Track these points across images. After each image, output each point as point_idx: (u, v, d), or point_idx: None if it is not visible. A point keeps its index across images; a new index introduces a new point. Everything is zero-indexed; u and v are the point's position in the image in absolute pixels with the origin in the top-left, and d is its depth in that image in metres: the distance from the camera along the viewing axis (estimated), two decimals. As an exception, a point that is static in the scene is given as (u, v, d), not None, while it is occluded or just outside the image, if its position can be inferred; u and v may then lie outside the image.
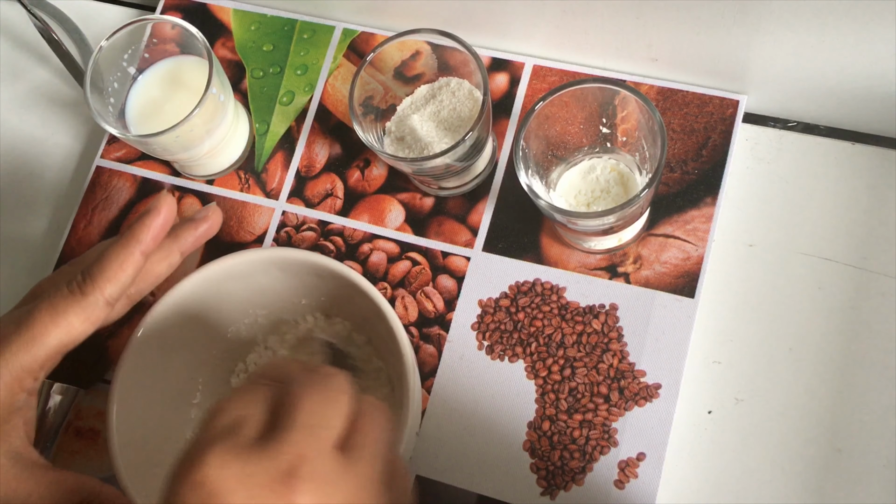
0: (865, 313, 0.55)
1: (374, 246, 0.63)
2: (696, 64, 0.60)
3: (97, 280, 0.46)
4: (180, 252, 0.51)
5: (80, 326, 0.45)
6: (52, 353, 0.45)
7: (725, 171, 0.59)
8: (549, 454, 0.56)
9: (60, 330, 0.45)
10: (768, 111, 0.61)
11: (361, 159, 0.65)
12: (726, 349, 0.57)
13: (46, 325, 0.45)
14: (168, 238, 0.52)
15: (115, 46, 0.62)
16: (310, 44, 0.69)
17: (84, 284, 0.46)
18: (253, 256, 0.53)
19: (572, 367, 0.57)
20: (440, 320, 0.60)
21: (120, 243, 0.47)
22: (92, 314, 0.46)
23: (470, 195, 0.63)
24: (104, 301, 0.46)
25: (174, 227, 0.52)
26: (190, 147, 0.61)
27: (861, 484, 0.53)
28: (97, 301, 0.45)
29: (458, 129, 0.59)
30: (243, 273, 0.53)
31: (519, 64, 0.65)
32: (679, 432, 0.55)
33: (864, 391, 0.54)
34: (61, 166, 0.72)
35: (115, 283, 0.46)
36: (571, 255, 0.60)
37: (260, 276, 0.54)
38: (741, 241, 0.59)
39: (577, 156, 0.57)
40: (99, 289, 0.46)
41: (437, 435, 0.58)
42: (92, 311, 0.46)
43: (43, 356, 0.45)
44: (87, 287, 0.45)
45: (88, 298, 0.45)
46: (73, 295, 0.45)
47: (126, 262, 0.46)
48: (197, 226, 0.52)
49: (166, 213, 0.48)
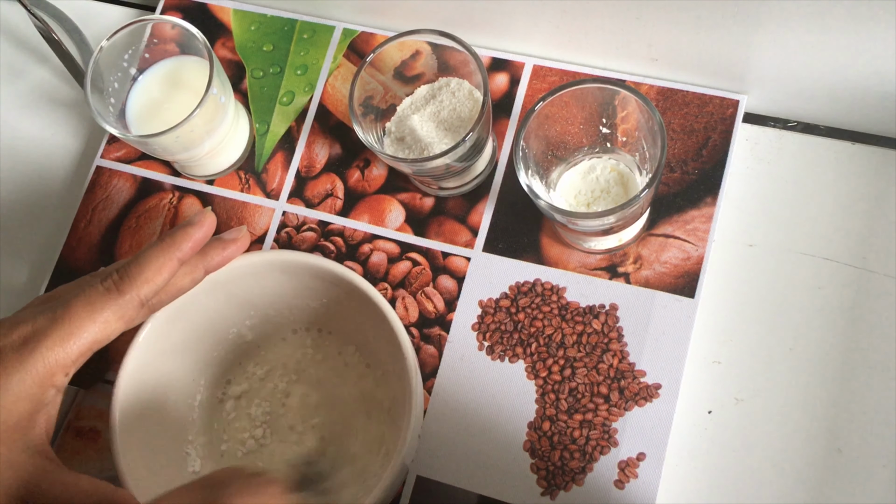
0: (865, 313, 0.55)
1: (375, 246, 0.63)
2: (696, 64, 0.60)
3: (135, 279, 0.46)
4: (205, 270, 0.51)
5: (115, 324, 0.46)
6: (85, 349, 0.45)
7: (725, 171, 0.59)
8: (550, 454, 0.56)
9: (96, 326, 0.45)
10: (768, 111, 0.61)
11: (361, 159, 0.65)
12: (726, 349, 0.57)
13: (83, 321, 0.45)
14: (196, 254, 0.52)
15: (115, 46, 0.62)
16: (310, 44, 0.69)
17: (121, 283, 0.46)
18: (255, 259, 0.53)
19: (572, 368, 0.57)
20: (441, 321, 0.60)
21: (160, 247, 0.47)
22: (126, 313, 0.46)
23: (470, 195, 0.63)
24: (139, 301, 0.46)
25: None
26: (190, 147, 0.61)
27: (861, 484, 0.53)
28: (133, 300, 0.45)
29: (458, 130, 0.59)
30: (245, 275, 0.53)
31: (519, 64, 0.65)
32: (679, 432, 0.56)
33: (864, 391, 0.54)
34: (61, 166, 0.72)
35: (151, 285, 0.46)
36: (571, 255, 0.60)
37: (262, 278, 0.54)
38: (741, 241, 0.59)
39: (577, 156, 0.57)
40: (136, 288, 0.46)
41: (437, 435, 0.58)
42: (127, 310, 0.46)
43: (77, 352, 0.45)
44: (125, 286, 0.45)
45: (125, 297, 0.45)
46: (110, 292, 0.45)
47: (164, 265, 0.46)
48: (225, 246, 0.52)
49: (207, 229, 0.48)
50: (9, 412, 0.43)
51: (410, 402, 0.49)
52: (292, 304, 0.56)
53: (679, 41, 0.59)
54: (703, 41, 0.58)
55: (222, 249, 0.52)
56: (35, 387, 0.44)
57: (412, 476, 0.57)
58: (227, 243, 0.52)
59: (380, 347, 0.55)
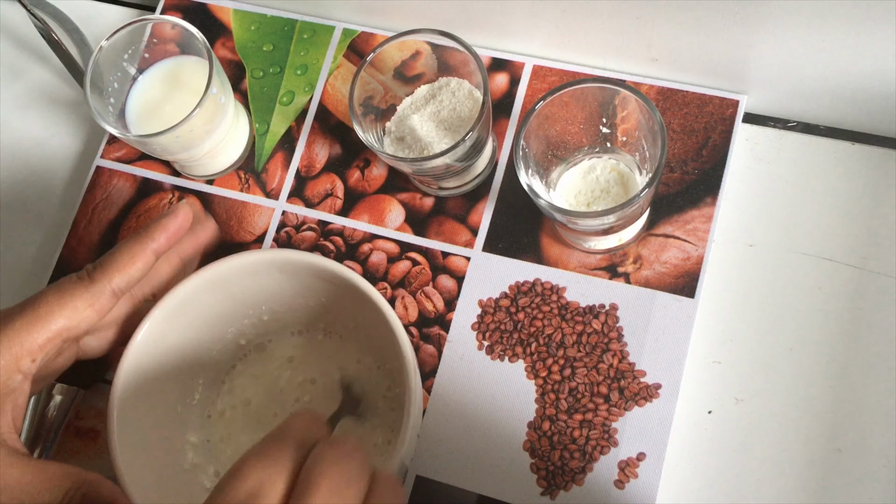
0: (865, 313, 0.55)
1: (374, 246, 0.63)
2: (696, 64, 0.60)
3: (107, 269, 0.46)
4: (179, 257, 0.52)
5: (85, 311, 0.46)
6: (53, 335, 0.45)
7: (725, 171, 0.59)
8: (549, 454, 0.56)
9: (65, 311, 0.45)
10: (768, 111, 0.61)
11: (361, 159, 0.65)
12: (726, 349, 0.57)
13: (51, 307, 0.45)
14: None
15: (115, 46, 0.62)
16: (310, 44, 0.69)
17: (93, 272, 0.47)
18: (254, 258, 0.53)
19: (572, 367, 0.57)
20: (440, 320, 0.60)
21: (134, 238, 0.48)
22: (97, 301, 0.46)
23: (470, 195, 0.63)
24: (111, 290, 0.46)
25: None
26: (190, 147, 0.61)
27: (861, 484, 0.53)
28: (104, 289, 0.46)
29: (458, 129, 0.59)
30: (244, 274, 0.53)
31: (519, 64, 0.65)
32: (679, 432, 0.55)
33: (864, 391, 0.54)
34: (61, 166, 0.72)
35: (123, 275, 0.47)
36: (571, 255, 0.60)
37: (261, 277, 0.54)
38: (741, 241, 0.59)
39: (577, 156, 0.57)
40: (107, 277, 0.46)
41: (437, 435, 0.58)
42: (98, 298, 0.46)
43: (44, 338, 0.45)
44: (96, 274, 0.46)
45: (96, 286, 0.46)
46: (81, 280, 0.46)
47: (137, 255, 0.47)
48: (196, 232, 0.54)
49: (183, 220, 0.49)
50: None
51: (409, 402, 0.49)
52: (291, 303, 0.56)
53: (679, 41, 0.59)
54: (703, 41, 0.58)
55: (193, 236, 0.53)
56: (2, 370, 0.44)
57: (412, 476, 0.57)
58: (198, 231, 0.53)
59: (379, 347, 0.55)
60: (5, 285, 0.69)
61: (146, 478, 0.50)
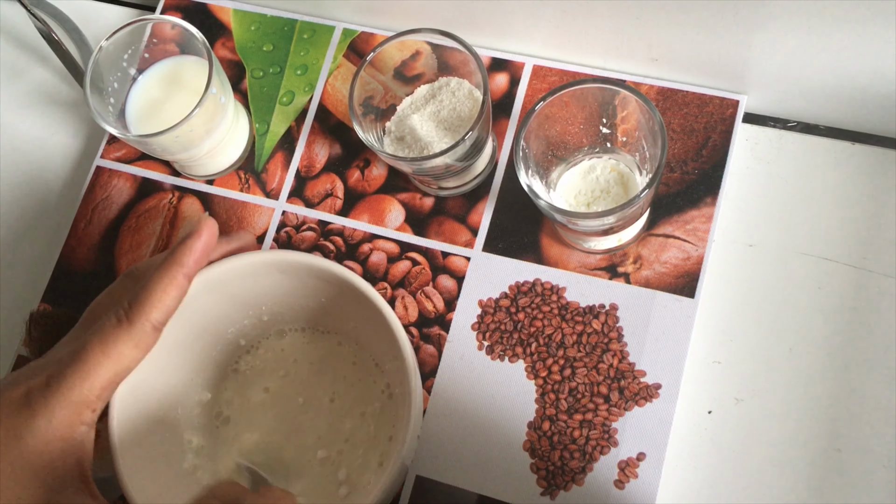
0: (865, 313, 0.55)
1: (374, 246, 0.63)
2: (696, 64, 0.60)
3: (143, 307, 0.46)
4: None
5: (131, 354, 0.46)
6: (106, 384, 0.46)
7: (725, 171, 0.59)
8: (549, 454, 0.56)
9: (112, 361, 0.46)
10: (768, 111, 0.61)
11: (361, 159, 0.65)
12: (726, 349, 0.57)
13: (98, 358, 0.45)
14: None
15: (115, 46, 0.62)
16: (310, 44, 0.69)
17: (130, 312, 0.46)
18: (254, 259, 0.53)
19: (572, 367, 0.57)
20: (440, 320, 0.60)
21: (164, 268, 0.47)
22: (141, 341, 0.46)
23: (470, 195, 0.63)
24: (151, 327, 0.46)
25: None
26: (190, 147, 0.61)
27: (861, 484, 0.53)
28: (144, 328, 0.46)
29: (458, 129, 0.59)
30: (244, 275, 0.53)
31: (519, 64, 0.65)
32: (679, 432, 0.55)
33: (864, 391, 0.54)
34: (61, 166, 0.72)
35: (160, 309, 0.46)
36: (571, 255, 0.60)
37: (260, 278, 0.54)
38: (741, 241, 0.59)
39: (577, 156, 0.57)
40: (145, 315, 0.46)
41: (437, 435, 0.58)
42: (140, 338, 0.46)
43: (98, 388, 0.46)
44: (134, 315, 0.46)
45: (136, 326, 0.46)
46: (121, 324, 0.46)
47: (170, 286, 0.47)
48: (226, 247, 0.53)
49: (207, 236, 0.48)
50: (40, 455, 0.44)
51: (410, 403, 0.49)
52: (291, 303, 0.56)
53: (679, 41, 0.59)
54: (703, 41, 0.58)
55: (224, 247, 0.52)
56: (63, 427, 0.45)
57: (412, 476, 0.57)
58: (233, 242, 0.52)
59: (379, 348, 0.55)
60: (5, 285, 0.69)
61: (147, 479, 0.50)
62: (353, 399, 0.57)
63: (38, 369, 0.46)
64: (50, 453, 0.44)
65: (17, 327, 0.67)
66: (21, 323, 0.66)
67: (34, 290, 0.68)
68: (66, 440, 0.45)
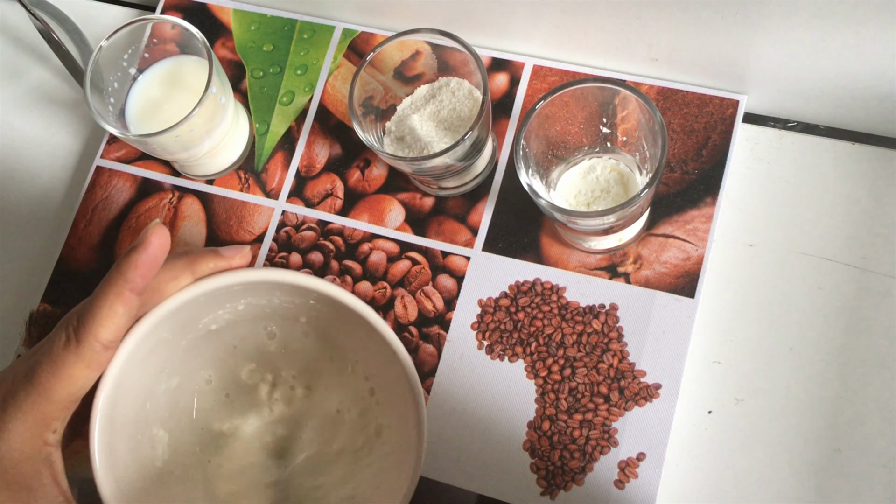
0: (865, 313, 0.55)
1: (374, 245, 0.63)
2: (696, 64, 0.60)
3: (90, 326, 0.45)
4: (193, 276, 0.49)
5: (82, 374, 0.45)
6: (61, 406, 0.45)
7: (725, 171, 0.59)
8: (549, 454, 0.56)
9: (63, 383, 0.45)
10: (768, 111, 0.61)
11: (361, 159, 0.65)
12: (726, 349, 0.57)
13: (49, 381, 0.45)
14: (182, 260, 0.50)
15: (115, 46, 0.62)
16: (310, 44, 0.69)
17: (79, 331, 0.45)
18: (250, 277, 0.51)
19: (572, 367, 0.57)
20: (440, 320, 0.60)
21: (108, 283, 0.45)
22: (92, 361, 0.45)
23: (470, 195, 0.63)
24: (100, 346, 0.45)
25: (193, 251, 0.51)
26: (190, 147, 0.61)
27: (861, 484, 0.53)
28: (93, 347, 0.45)
29: (458, 129, 0.59)
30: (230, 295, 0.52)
31: (519, 64, 0.65)
32: (679, 432, 0.55)
33: (864, 391, 0.54)
34: (61, 166, 0.72)
35: (107, 327, 0.45)
36: (571, 254, 0.60)
37: (260, 296, 0.53)
38: (741, 241, 0.59)
39: (578, 156, 0.57)
40: (92, 335, 0.45)
41: (437, 435, 0.58)
42: (91, 358, 0.45)
43: (54, 410, 0.45)
44: (82, 335, 0.45)
45: (83, 346, 0.45)
46: (70, 345, 0.45)
47: (115, 303, 0.45)
48: (218, 260, 0.50)
49: (154, 248, 0.46)
50: (11, 476, 0.44)
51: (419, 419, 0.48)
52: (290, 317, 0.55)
53: (679, 41, 0.59)
54: (703, 41, 0.58)
55: (214, 262, 0.50)
56: (26, 447, 0.45)
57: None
58: (221, 259, 0.50)
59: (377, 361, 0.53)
60: (5, 285, 0.69)
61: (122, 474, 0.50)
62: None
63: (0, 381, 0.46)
64: (22, 475, 0.44)
65: (17, 327, 0.67)
66: (21, 323, 0.66)
67: (34, 290, 0.68)
68: (33, 460, 0.45)
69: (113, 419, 0.50)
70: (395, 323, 0.61)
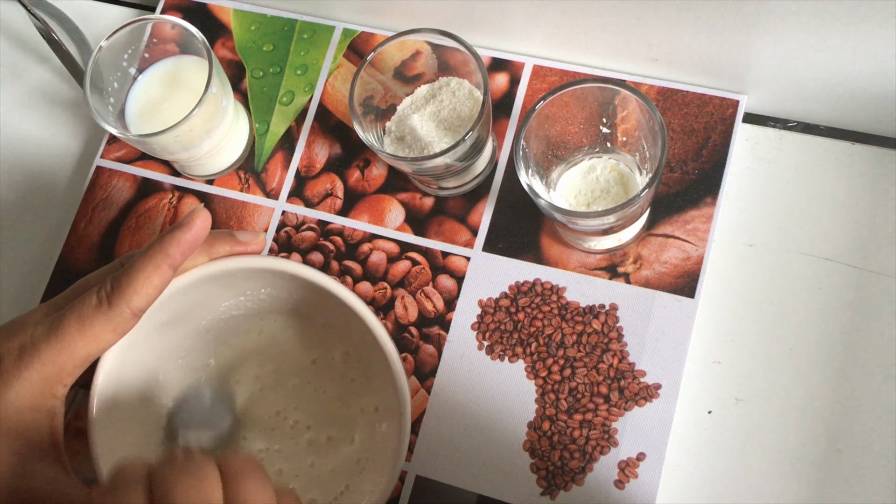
0: (865, 313, 0.55)
1: (374, 246, 0.63)
2: (696, 64, 0.60)
3: (124, 292, 0.46)
4: (208, 256, 0.51)
5: (107, 337, 0.46)
6: (79, 362, 0.46)
7: (725, 171, 0.59)
8: (549, 454, 0.56)
9: (87, 341, 0.46)
10: (768, 111, 0.61)
11: (361, 159, 0.65)
12: (726, 349, 0.57)
13: (74, 336, 0.46)
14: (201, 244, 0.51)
15: (115, 46, 0.62)
16: (310, 44, 0.69)
17: (112, 295, 0.46)
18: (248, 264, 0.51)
19: (572, 367, 0.57)
20: (440, 320, 0.60)
21: (148, 255, 0.46)
22: (118, 326, 0.46)
23: (470, 195, 0.63)
24: (130, 313, 0.46)
25: (210, 232, 0.52)
26: (190, 147, 0.61)
27: (861, 484, 0.53)
28: (123, 313, 0.46)
29: (458, 129, 0.59)
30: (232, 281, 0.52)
31: (519, 64, 0.65)
32: (679, 432, 0.55)
33: (864, 391, 0.54)
34: (61, 166, 0.72)
35: (141, 296, 0.46)
36: (571, 255, 0.60)
37: (258, 282, 0.53)
38: (741, 241, 0.59)
39: (577, 156, 0.57)
40: (125, 300, 0.46)
41: (437, 435, 0.58)
42: (118, 322, 0.46)
43: (71, 365, 0.46)
44: (114, 299, 0.46)
45: (115, 310, 0.46)
46: (101, 306, 0.46)
47: (153, 274, 0.46)
48: (234, 244, 0.51)
49: (197, 230, 0.47)
50: (13, 424, 0.44)
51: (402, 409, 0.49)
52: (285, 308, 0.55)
53: (679, 41, 0.59)
54: (703, 41, 0.58)
55: (232, 243, 0.51)
56: (35, 398, 0.45)
57: (411, 476, 0.57)
58: (238, 244, 0.51)
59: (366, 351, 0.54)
60: (5, 285, 0.69)
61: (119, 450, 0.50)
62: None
63: (7, 335, 0.46)
64: (23, 423, 0.44)
65: (17, 327, 0.67)
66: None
67: (34, 290, 0.68)
68: (37, 410, 0.45)
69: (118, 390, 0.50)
70: (395, 324, 0.61)
